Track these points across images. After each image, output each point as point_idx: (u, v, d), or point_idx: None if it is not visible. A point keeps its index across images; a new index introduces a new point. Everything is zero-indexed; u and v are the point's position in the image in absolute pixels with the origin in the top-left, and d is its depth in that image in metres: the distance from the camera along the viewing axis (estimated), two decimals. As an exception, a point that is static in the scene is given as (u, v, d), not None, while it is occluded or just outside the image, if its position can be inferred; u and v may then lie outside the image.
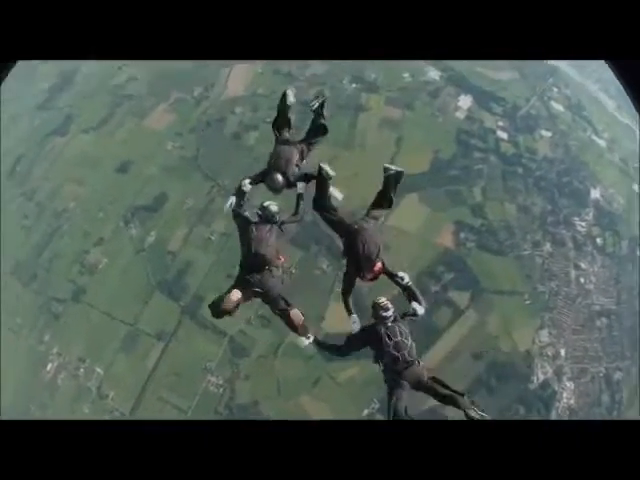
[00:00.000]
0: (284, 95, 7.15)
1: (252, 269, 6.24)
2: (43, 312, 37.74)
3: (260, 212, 6.50)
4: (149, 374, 34.24)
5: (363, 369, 31.10)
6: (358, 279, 6.39)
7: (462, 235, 36.34)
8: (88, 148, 43.14)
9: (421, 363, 5.81)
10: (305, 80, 40.79)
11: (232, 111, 40.52)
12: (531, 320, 35.43)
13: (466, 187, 37.38)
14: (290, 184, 6.75)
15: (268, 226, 6.41)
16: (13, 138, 42.73)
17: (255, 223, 6.44)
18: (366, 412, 32.66)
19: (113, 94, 45.98)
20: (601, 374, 37.72)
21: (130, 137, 42.52)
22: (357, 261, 6.25)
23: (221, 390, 33.82)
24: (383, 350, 5.77)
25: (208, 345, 34.16)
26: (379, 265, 6.19)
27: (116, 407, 34.49)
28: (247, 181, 6.72)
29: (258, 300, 6.45)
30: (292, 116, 7.21)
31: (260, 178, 6.83)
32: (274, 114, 7.41)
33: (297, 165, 6.83)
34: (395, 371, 5.70)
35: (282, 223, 6.56)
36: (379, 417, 32.64)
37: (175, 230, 36.37)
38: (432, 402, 5.91)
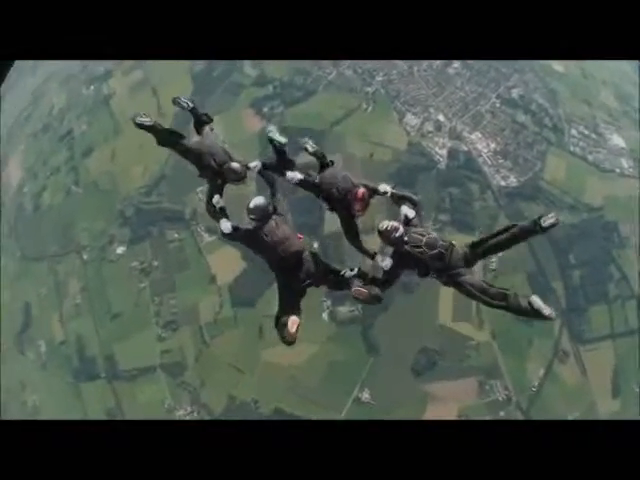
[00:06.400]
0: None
1: (293, 269, 5.83)
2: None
3: (253, 216, 5.93)
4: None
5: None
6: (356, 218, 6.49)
7: (265, 109, 33.72)
8: None
9: (454, 241, 5.65)
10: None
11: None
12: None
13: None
14: (246, 165, 6.49)
15: (272, 222, 5.90)
16: None
17: (259, 228, 5.87)
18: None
19: None
20: (497, 104, 34.41)
21: None
22: (342, 203, 6.32)
23: (197, 416, 30.62)
24: (422, 261, 5.61)
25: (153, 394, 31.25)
26: (361, 190, 6.15)
27: None
28: (216, 198, 6.41)
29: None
30: None
31: (219, 184, 6.53)
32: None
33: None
34: (446, 266, 5.53)
35: (275, 210, 6.10)
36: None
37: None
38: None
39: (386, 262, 5.82)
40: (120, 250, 32.43)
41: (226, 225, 6.04)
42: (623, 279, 30.72)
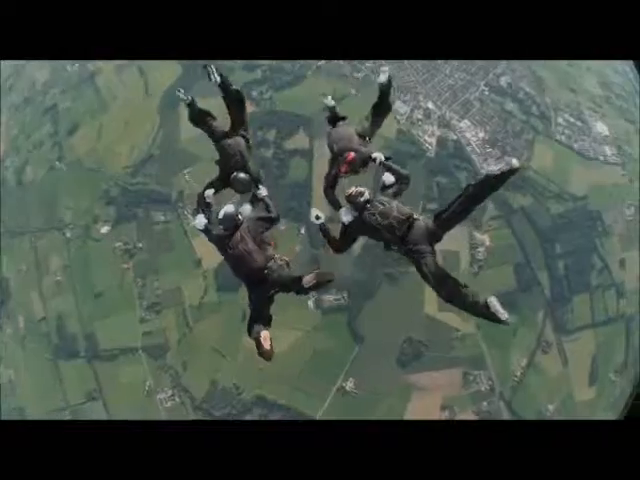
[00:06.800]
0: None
1: (257, 281, 5.67)
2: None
3: (222, 226, 5.84)
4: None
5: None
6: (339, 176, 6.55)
7: (254, 94, 33.34)
8: None
9: (416, 215, 5.46)
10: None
11: None
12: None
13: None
14: (255, 180, 6.53)
15: (238, 234, 5.75)
16: None
17: (227, 238, 5.75)
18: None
19: None
20: (485, 92, 34.28)
21: None
22: (333, 159, 6.52)
23: (178, 400, 30.28)
24: (378, 230, 5.55)
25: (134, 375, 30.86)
26: (352, 154, 6.24)
27: None
28: (208, 192, 6.39)
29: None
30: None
31: (221, 183, 6.61)
32: None
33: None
34: (400, 240, 5.39)
35: (259, 218, 6.06)
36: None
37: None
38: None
39: (347, 217, 5.86)
40: (104, 230, 31.91)
41: (200, 221, 6.03)
42: (605, 268, 30.87)
